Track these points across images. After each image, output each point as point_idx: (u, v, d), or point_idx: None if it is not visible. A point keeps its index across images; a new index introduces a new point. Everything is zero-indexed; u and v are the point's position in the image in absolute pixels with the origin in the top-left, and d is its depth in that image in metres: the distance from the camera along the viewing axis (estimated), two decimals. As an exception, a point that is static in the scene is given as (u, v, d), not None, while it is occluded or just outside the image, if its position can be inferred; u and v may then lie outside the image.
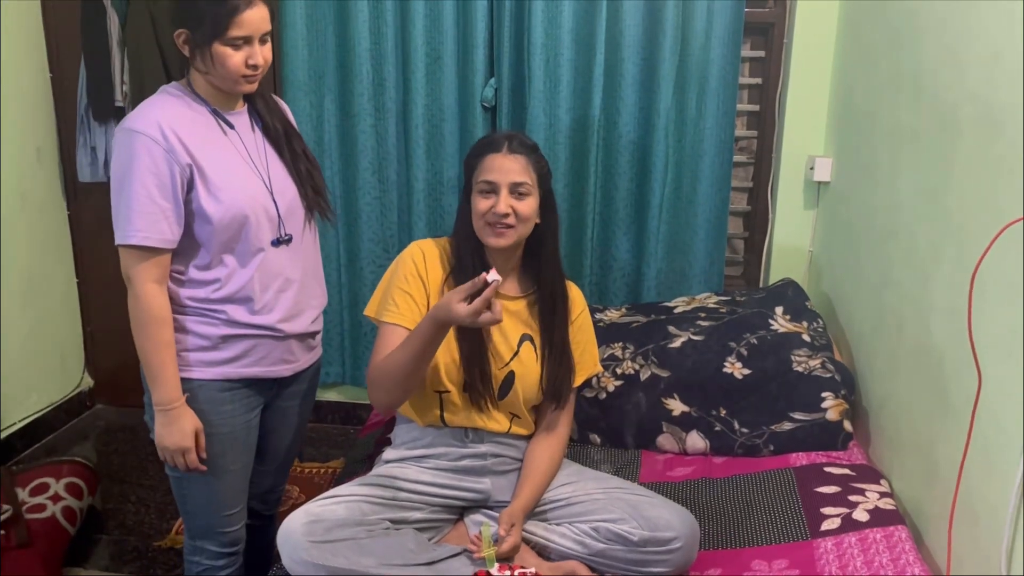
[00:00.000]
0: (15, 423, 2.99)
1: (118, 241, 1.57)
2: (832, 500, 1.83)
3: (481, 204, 1.67)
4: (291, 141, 1.78)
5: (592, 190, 2.78)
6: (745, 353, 2.20)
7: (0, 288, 2.88)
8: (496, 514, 1.74)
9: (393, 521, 1.62)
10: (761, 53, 2.80)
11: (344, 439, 3.19)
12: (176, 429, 1.62)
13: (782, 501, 1.87)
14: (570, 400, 1.83)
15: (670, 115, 2.70)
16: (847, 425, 2.10)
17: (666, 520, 1.61)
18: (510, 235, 1.68)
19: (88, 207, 3.21)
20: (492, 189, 1.66)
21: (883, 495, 1.84)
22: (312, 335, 1.82)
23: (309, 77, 2.86)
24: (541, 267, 1.77)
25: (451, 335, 1.69)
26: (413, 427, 1.78)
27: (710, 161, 2.73)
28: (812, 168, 2.64)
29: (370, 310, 1.77)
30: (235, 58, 1.56)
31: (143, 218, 1.54)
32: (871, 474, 1.94)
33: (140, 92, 2.81)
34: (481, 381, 1.70)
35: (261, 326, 1.68)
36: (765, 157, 2.84)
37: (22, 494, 2.43)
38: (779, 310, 2.33)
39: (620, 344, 2.28)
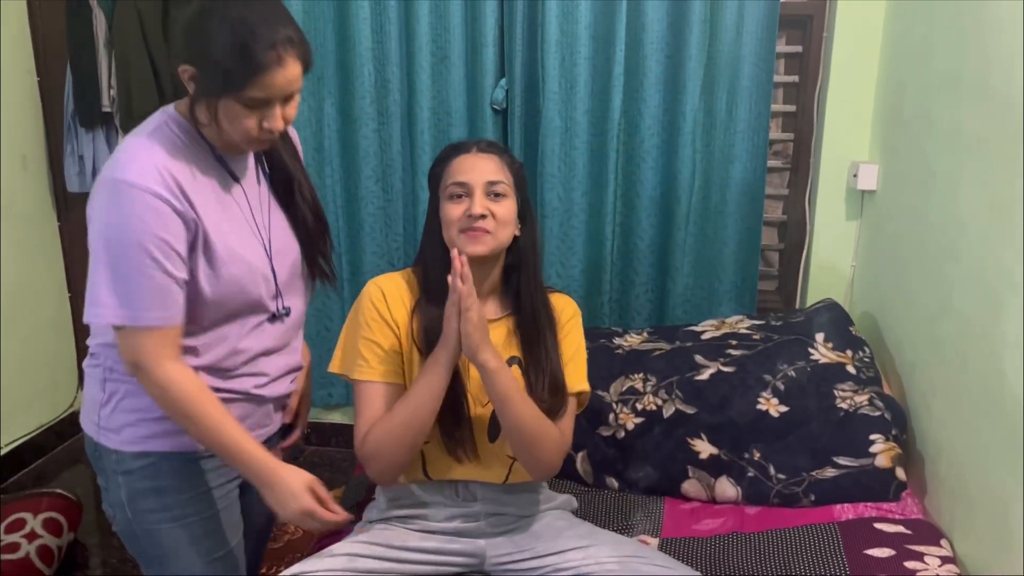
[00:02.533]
0: (1, 448, 2.83)
1: (116, 322, 1.27)
2: (885, 566, 1.59)
3: (453, 210, 1.48)
4: (301, 190, 1.50)
5: (612, 199, 2.58)
6: (782, 387, 1.96)
7: (-18, 306, 2.72)
8: (495, 582, 1.53)
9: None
10: (798, 48, 2.59)
11: (348, 463, 3.00)
12: (288, 496, 1.33)
13: (826, 566, 1.63)
14: (569, 408, 1.57)
15: (697, 117, 2.50)
16: (900, 473, 1.86)
17: (690, 601, 1.38)
18: (488, 240, 1.47)
19: (79, 218, 2.99)
20: (464, 192, 1.48)
21: (945, 560, 1.59)
22: (287, 396, 1.57)
23: (307, 79, 2.61)
24: (520, 283, 1.55)
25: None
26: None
27: (742, 167, 2.53)
28: (855, 175, 2.41)
29: (335, 366, 1.55)
30: (248, 121, 1.26)
31: (156, 295, 1.25)
32: (930, 533, 1.69)
33: (127, 96, 2.64)
34: (462, 430, 1.49)
35: (237, 391, 1.42)
36: (803, 162, 2.62)
37: (-4, 531, 2.27)
38: (820, 337, 2.08)
39: (641, 375, 2.05)
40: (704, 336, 2.17)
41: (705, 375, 2.01)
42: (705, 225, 2.60)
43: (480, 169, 1.49)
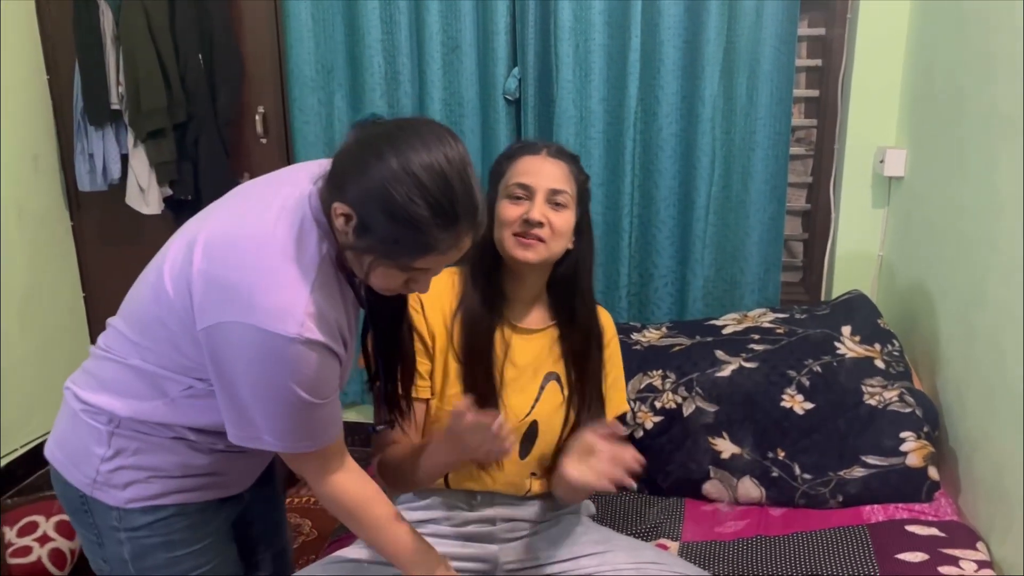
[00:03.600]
0: (16, 449, 2.82)
1: (277, 450, 1.22)
2: (918, 571, 1.51)
3: (510, 211, 1.40)
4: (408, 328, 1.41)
5: (629, 190, 2.51)
6: (807, 383, 1.88)
7: (-4, 307, 2.70)
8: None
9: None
10: (821, 31, 2.50)
11: (362, 462, 2.94)
12: None
13: (855, 572, 1.56)
14: None
15: (717, 104, 2.42)
16: (932, 472, 1.77)
17: (711, 611, 1.31)
18: (540, 249, 1.39)
19: (92, 218, 3.03)
20: (526, 194, 1.40)
21: (982, 564, 1.52)
22: None
23: (317, 72, 2.62)
24: (573, 301, 1.48)
25: (455, 382, 1.42)
26: None
27: (763, 155, 2.45)
28: (882, 161, 2.32)
29: (361, 361, 1.48)
30: (396, 282, 1.16)
31: (321, 428, 1.20)
32: (965, 535, 1.61)
33: (135, 93, 2.61)
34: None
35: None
36: (827, 149, 2.54)
37: (9, 534, 2.25)
38: (847, 330, 2.00)
39: (660, 372, 1.98)
40: (725, 330, 2.09)
41: (727, 371, 1.93)
42: (726, 215, 2.52)
43: (546, 174, 1.41)
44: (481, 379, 1.42)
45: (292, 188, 1.18)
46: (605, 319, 1.56)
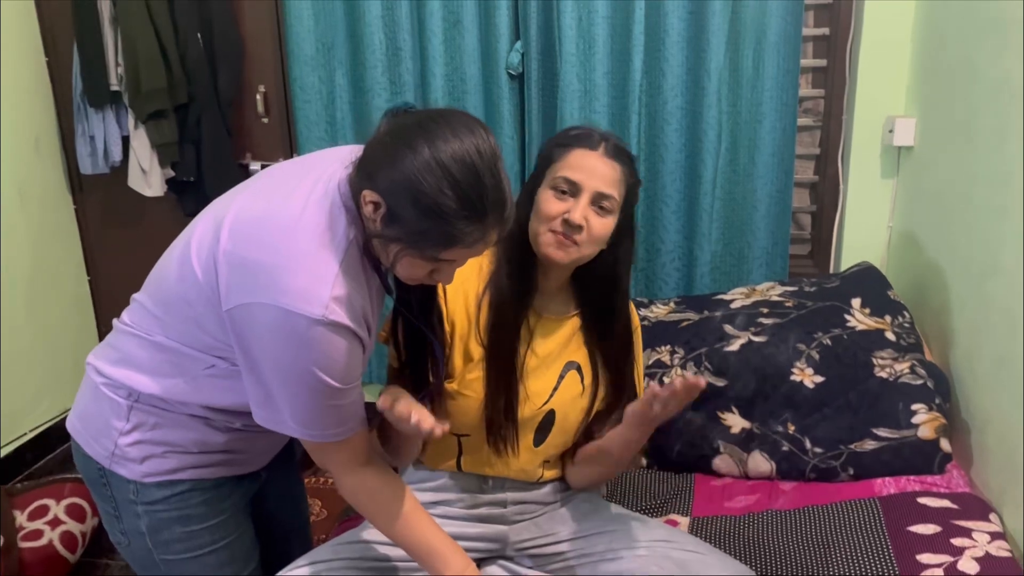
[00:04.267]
0: (25, 433, 2.82)
1: (301, 438, 1.22)
2: (931, 544, 1.50)
3: (552, 205, 1.33)
4: (440, 318, 1.39)
5: (635, 164, 2.46)
6: (817, 357, 1.86)
7: (1, 289, 2.69)
8: (515, 567, 1.47)
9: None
10: (828, -1, 2.45)
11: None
12: None
13: (867, 544, 1.54)
14: None
15: (723, 75, 2.38)
16: (944, 444, 1.76)
17: (723, 586, 1.30)
18: (573, 252, 1.34)
19: (95, 200, 3.01)
20: (571, 190, 1.33)
21: (995, 536, 1.50)
22: None
23: (317, 50, 2.59)
24: (608, 301, 1.44)
25: (478, 368, 1.40)
26: (423, 467, 1.51)
27: (770, 126, 2.41)
28: (891, 131, 2.29)
29: (381, 336, 1.46)
30: (421, 271, 1.15)
31: (343, 416, 1.20)
32: (978, 507, 1.60)
33: (135, 74, 2.58)
34: (508, 428, 1.41)
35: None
36: (835, 119, 2.50)
37: (20, 518, 2.26)
38: (856, 302, 1.98)
39: (668, 347, 1.97)
40: (734, 305, 2.07)
41: (735, 346, 1.92)
42: (733, 188, 2.50)
43: (598, 174, 1.32)
44: (505, 366, 1.39)
45: (322, 172, 1.17)
46: (631, 310, 1.52)
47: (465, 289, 1.42)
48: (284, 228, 1.11)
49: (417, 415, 1.16)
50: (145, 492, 1.29)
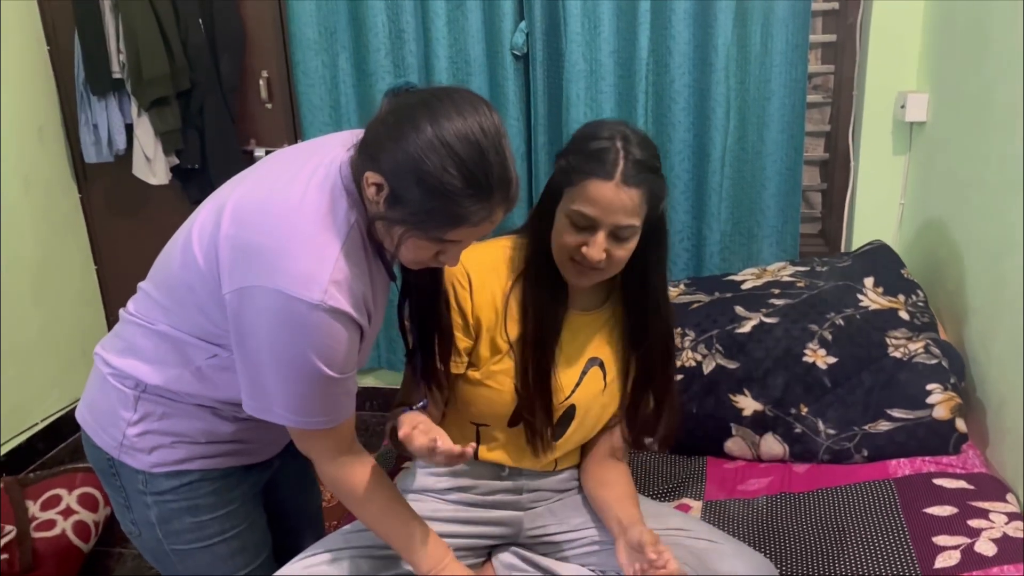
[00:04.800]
0: (36, 423, 2.83)
1: (288, 425, 1.20)
2: (947, 525, 1.48)
3: (568, 239, 1.28)
4: (445, 303, 1.36)
5: (643, 145, 2.44)
6: (829, 337, 1.84)
7: (6, 281, 2.69)
8: (529, 554, 1.45)
9: (399, 577, 1.34)
10: (837, -28, 2.42)
11: (382, 428, 2.95)
12: None
13: (882, 526, 1.53)
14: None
15: (730, 52, 2.35)
16: (960, 424, 1.74)
17: None
18: (595, 277, 1.32)
19: (100, 189, 3.00)
20: (588, 226, 1.26)
21: (1012, 517, 1.48)
22: None
23: (320, 34, 2.56)
24: (641, 299, 1.39)
25: (505, 360, 1.38)
26: None
27: (779, 103, 2.38)
28: (903, 106, 2.25)
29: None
30: (427, 253, 1.13)
31: (334, 405, 1.18)
32: (994, 487, 1.58)
33: (136, 61, 2.56)
34: (543, 421, 1.38)
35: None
36: (845, 95, 2.47)
37: (33, 508, 2.26)
38: (869, 281, 1.95)
39: (678, 330, 1.94)
40: (744, 285, 2.05)
41: (747, 327, 1.90)
42: (742, 167, 2.47)
43: (615, 208, 1.23)
44: (539, 362, 1.36)
45: (324, 156, 1.16)
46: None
47: (492, 281, 1.39)
48: (285, 212, 1.10)
49: (442, 443, 1.14)
50: (154, 482, 1.29)
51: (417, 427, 1.16)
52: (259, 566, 1.40)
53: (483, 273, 1.37)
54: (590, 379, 1.43)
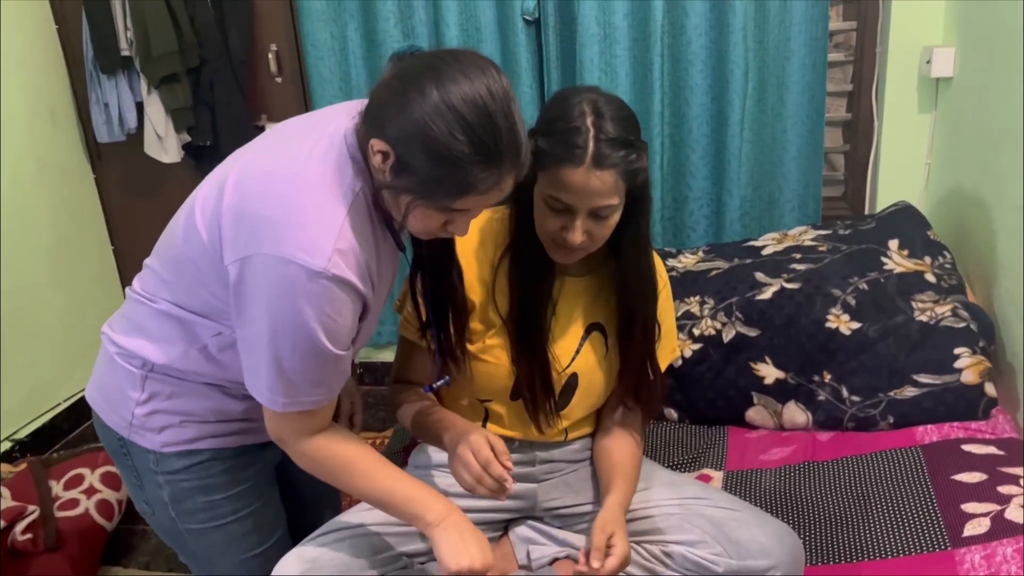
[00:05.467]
0: (59, 404, 2.85)
1: (272, 408, 1.16)
2: (976, 492, 1.44)
3: (548, 222, 1.24)
4: (458, 274, 1.33)
5: (659, 109, 2.40)
6: (853, 302, 1.79)
7: (25, 263, 2.70)
8: (545, 527, 1.44)
9: (413, 555, 1.32)
10: (859, -77, 2.33)
11: (381, 396, 2.94)
12: (467, 542, 1.19)
13: (909, 494, 1.49)
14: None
15: (748, 12, 2.29)
16: (989, 388, 1.69)
17: (760, 544, 1.26)
18: (579, 255, 1.28)
19: (114, 169, 3.00)
20: (565, 209, 1.22)
21: (1044, 483, 1.44)
22: None
23: (328, 4, 2.53)
24: (628, 254, 1.33)
25: (499, 335, 1.35)
26: None
27: (799, 63, 2.32)
28: (928, 62, 2.18)
29: (396, 304, 1.43)
30: (435, 222, 1.09)
31: (325, 382, 1.16)
32: (1025, 453, 1.54)
33: (144, 38, 2.53)
34: (542, 394, 1.36)
35: None
36: (868, 53, 2.39)
37: (56, 487, 2.28)
38: (894, 244, 1.90)
39: (697, 298, 1.90)
40: (765, 251, 2.00)
41: (767, 294, 1.85)
42: (762, 130, 2.41)
43: (589, 192, 1.18)
44: (531, 335, 1.33)
45: (327, 125, 1.13)
46: (658, 264, 1.44)
47: (479, 258, 1.36)
48: (287, 181, 1.07)
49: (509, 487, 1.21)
50: (165, 462, 1.27)
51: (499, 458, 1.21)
52: (274, 544, 1.38)
53: (469, 251, 1.34)
54: (590, 346, 1.39)
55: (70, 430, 2.88)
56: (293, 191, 1.07)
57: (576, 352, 1.39)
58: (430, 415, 1.35)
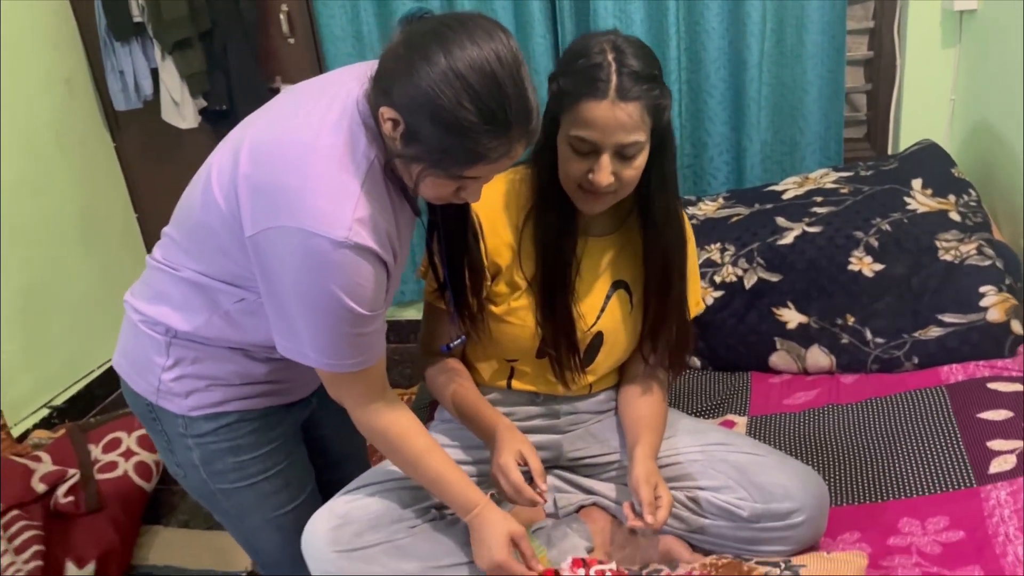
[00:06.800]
0: (93, 371, 2.91)
1: (318, 368, 1.18)
2: (1002, 430, 1.44)
3: (573, 167, 1.23)
4: (473, 234, 1.33)
5: (675, 54, 2.36)
6: (875, 244, 1.77)
7: (53, 234, 2.73)
8: (571, 475, 1.46)
9: (442, 506, 1.35)
10: None
11: (403, 355, 2.97)
12: (483, 542, 1.25)
13: (934, 433, 1.50)
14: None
15: (764, -51, 2.22)
16: (1016, 326, 1.67)
17: (783, 488, 1.27)
18: (608, 201, 1.27)
19: (133, 137, 3.01)
20: (590, 149, 1.21)
21: (1071, 419, 1.43)
22: None
23: (341, -33, 2.50)
24: (654, 211, 1.31)
25: (525, 296, 1.36)
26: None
27: (818, 2, 2.27)
28: (952, -6, 2.12)
29: (419, 272, 1.44)
30: (446, 190, 1.10)
31: (364, 345, 1.17)
32: (1052, 390, 1.53)
33: (156, 5, 2.52)
34: (567, 352, 1.36)
35: None
36: (889, -13, 2.33)
37: (95, 451, 2.34)
38: (917, 183, 1.87)
39: (718, 245, 1.90)
40: (786, 195, 1.98)
41: (789, 238, 1.84)
42: (781, 72, 2.37)
43: (614, 127, 1.17)
44: (557, 296, 1.34)
45: (338, 89, 1.12)
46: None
47: (503, 222, 1.35)
48: (302, 150, 1.07)
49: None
50: (194, 425, 1.30)
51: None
52: (303, 502, 1.42)
53: (494, 215, 1.34)
54: (615, 303, 1.39)
55: (105, 396, 2.94)
56: (308, 160, 1.07)
57: (601, 310, 1.39)
58: (465, 408, 1.39)
